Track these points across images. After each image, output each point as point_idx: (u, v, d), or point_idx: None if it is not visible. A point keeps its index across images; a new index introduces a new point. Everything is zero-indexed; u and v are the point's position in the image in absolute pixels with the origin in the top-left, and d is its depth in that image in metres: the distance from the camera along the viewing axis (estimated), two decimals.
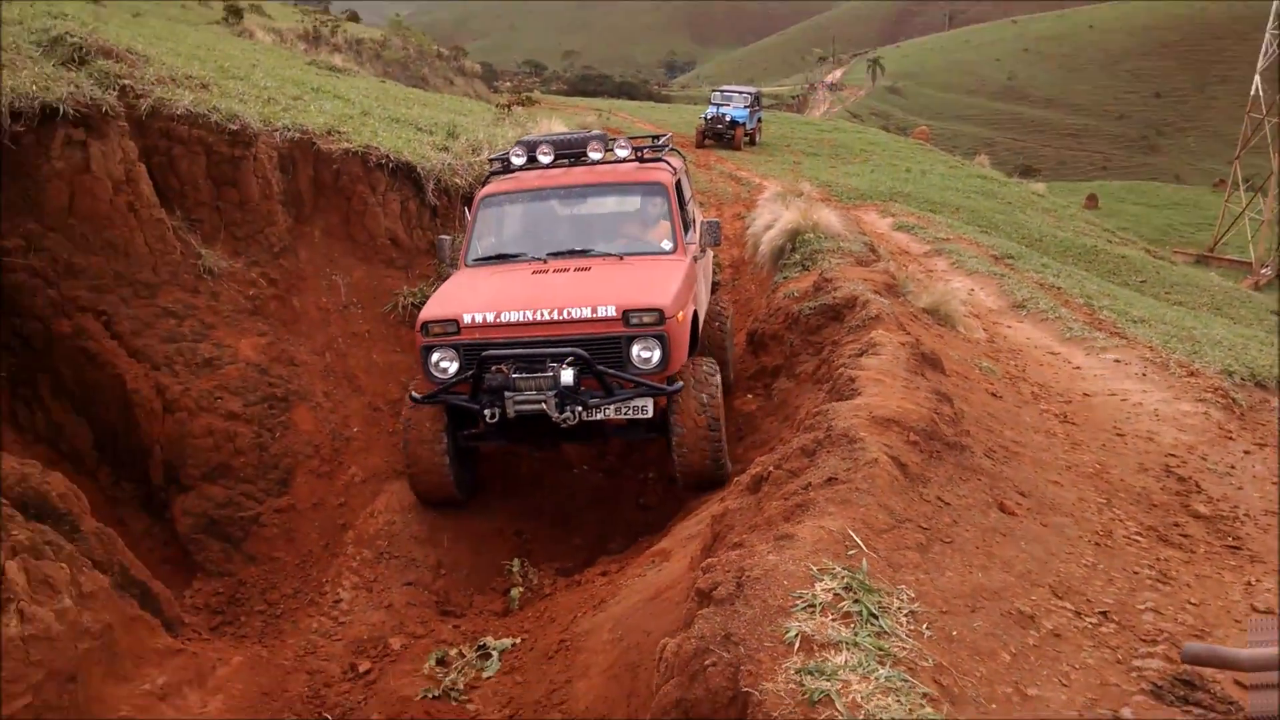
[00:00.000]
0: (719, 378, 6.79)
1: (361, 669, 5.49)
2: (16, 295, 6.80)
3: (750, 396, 8.45)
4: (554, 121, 16.74)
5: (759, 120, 30.72)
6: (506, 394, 6.16)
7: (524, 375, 6.17)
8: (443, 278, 7.94)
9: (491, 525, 7.05)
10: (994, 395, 6.99)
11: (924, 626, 3.30)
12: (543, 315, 6.30)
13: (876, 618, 3.23)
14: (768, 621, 3.21)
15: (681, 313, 6.49)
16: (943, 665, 3.11)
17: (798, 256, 10.62)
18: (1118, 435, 6.58)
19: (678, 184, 7.87)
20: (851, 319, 7.55)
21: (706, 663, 3.18)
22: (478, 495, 7.36)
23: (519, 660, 5.32)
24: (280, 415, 7.11)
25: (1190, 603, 4.00)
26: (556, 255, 7.24)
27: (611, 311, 6.27)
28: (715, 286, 9.69)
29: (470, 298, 6.69)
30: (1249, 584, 4.31)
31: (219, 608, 6.23)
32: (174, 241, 7.44)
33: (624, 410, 6.38)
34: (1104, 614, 3.75)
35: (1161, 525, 4.92)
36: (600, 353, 6.31)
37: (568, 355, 6.20)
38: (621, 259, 7.15)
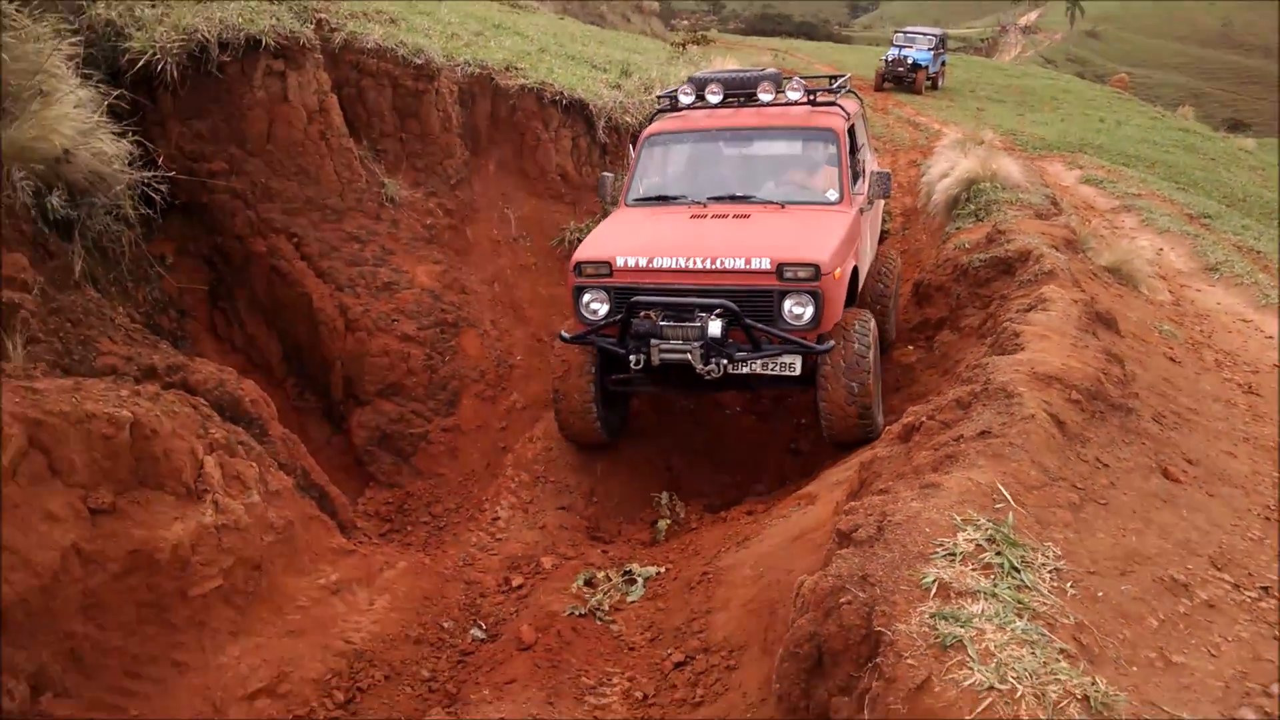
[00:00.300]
0: (873, 335, 6.54)
1: (514, 583, 5.78)
2: (219, 215, 7.35)
3: (911, 348, 8.30)
4: (728, 60, 16.56)
5: (943, 64, 29.48)
6: (653, 341, 6.08)
7: (671, 324, 6.09)
8: (605, 216, 7.94)
9: (643, 457, 7.23)
10: (1172, 360, 6.65)
11: (1068, 584, 3.25)
12: (695, 263, 6.18)
13: (1018, 571, 3.20)
14: (906, 566, 3.23)
15: (839, 269, 6.26)
16: (1084, 624, 3.06)
17: (972, 207, 10.27)
18: None
19: (850, 130, 7.59)
20: (1023, 273, 7.29)
21: (842, 600, 3.24)
22: (630, 426, 7.47)
23: (662, 588, 5.49)
24: (450, 340, 7.47)
25: None
26: (717, 200, 7.06)
27: (765, 264, 6.09)
28: (884, 236, 9.43)
29: (625, 240, 6.60)
30: None
31: (388, 516, 6.67)
32: (360, 170, 7.86)
33: (771, 367, 6.24)
34: (1265, 589, 3.57)
35: None
36: (751, 306, 6.15)
37: (716, 306, 6.07)
38: (783, 207, 6.92)
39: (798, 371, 6.24)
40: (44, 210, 5.54)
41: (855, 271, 6.86)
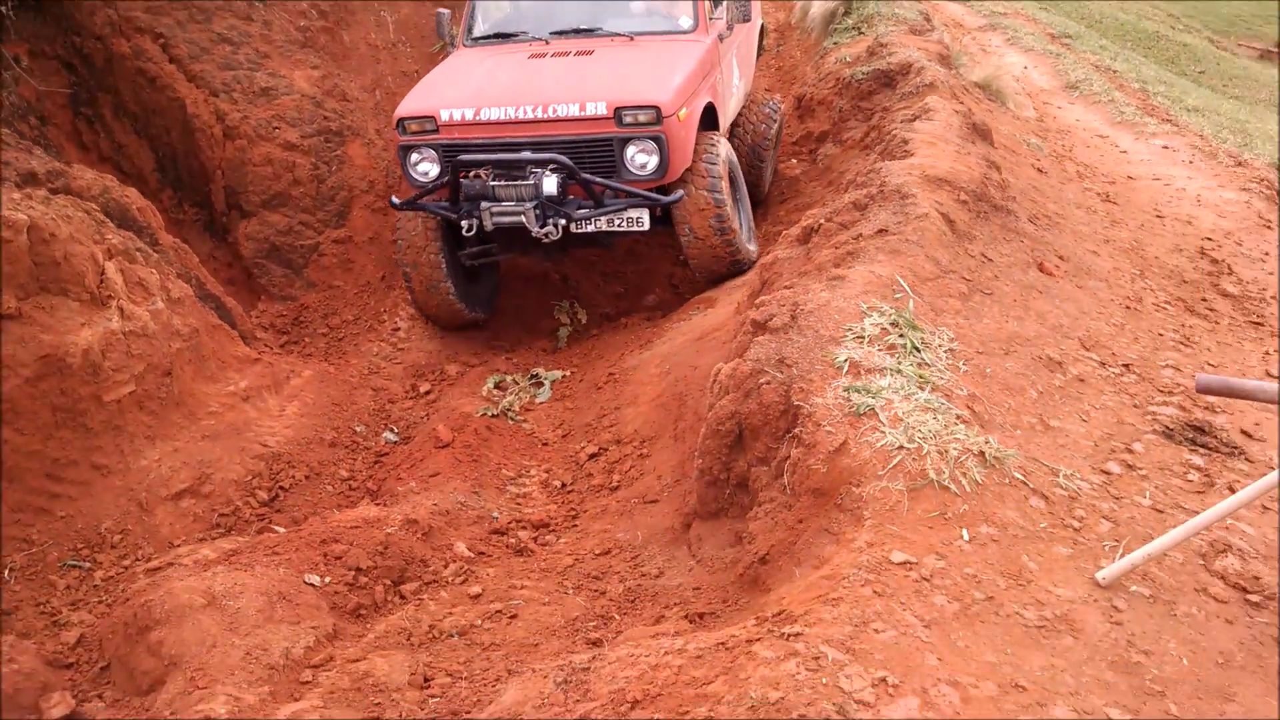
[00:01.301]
0: (725, 160, 6.05)
1: (422, 389, 5.92)
2: (75, 12, 6.81)
3: (795, 161, 8.51)
4: None
5: None
6: (483, 204, 5.56)
7: (503, 183, 5.55)
8: (443, 58, 7.16)
9: (538, 269, 7.32)
10: (1039, 170, 7.05)
11: (960, 362, 3.59)
12: (526, 113, 5.60)
13: (919, 351, 3.52)
14: (819, 348, 3.50)
15: (685, 109, 5.72)
16: (975, 395, 3.42)
17: (851, 21, 10.33)
18: (1157, 217, 6.69)
19: None
20: (904, 86, 7.50)
21: (761, 381, 3.51)
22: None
23: (569, 390, 5.72)
24: (336, 149, 7.25)
25: (1209, 364, 4.29)
26: (560, 34, 6.42)
27: (602, 109, 5.54)
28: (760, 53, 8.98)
29: (452, 90, 5.97)
30: (1266, 353, 4.57)
31: (283, 329, 6.63)
32: None
33: (616, 223, 5.78)
34: (1127, 366, 4.03)
35: (1190, 298, 5.14)
36: (590, 157, 5.65)
37: (549, 161, 5.53)
38: (632, 39, 6.31)
39: (646, 226, 5.80)
40: None
41: (712, 109, 6.28)
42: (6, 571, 4.02)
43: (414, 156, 5.89)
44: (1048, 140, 8.35)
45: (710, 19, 6.52)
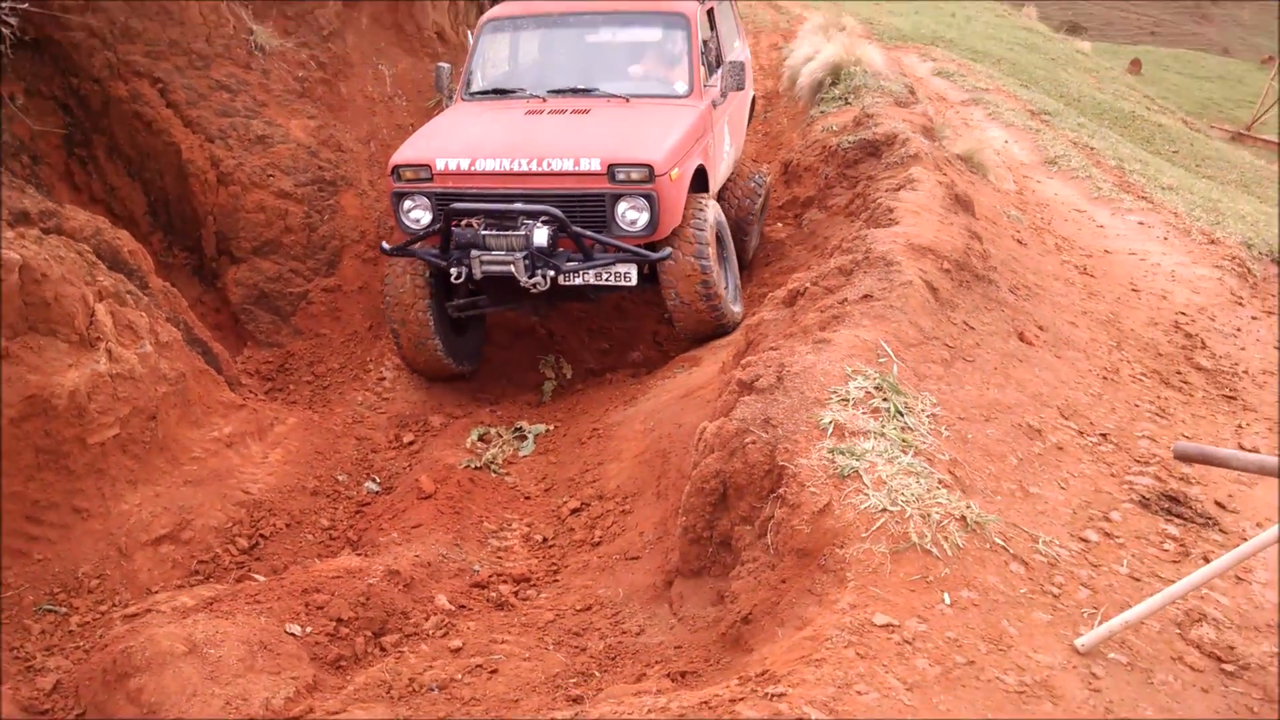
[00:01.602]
0: (713, 222, 6.12)
1: (405, 440, 5.92)
2: (74, 54, 6.89)
3: (780, 225, 8.64)
4: None
5: None
6: (474, 252, 5.62)
7: (495, 233, 5.62)
8: (438, 112, 7.29)
9: (524, 322, 7.37)
10: (1019, 242, 7.20)
11: (943, 428, 3.65)
12: (520, 165, 5.68)
13: (902, 415, 3.58)
14: (804, 410, 3.56)
15: (678, 169, 5.80)
16: (957, 460, 3.48)
17: (838, 91, 10.59)
18: (1133, 290, 6.84)
19: (710, 14, 7.13)
20: (890, 155, 7.67)
21: (747, 440, 3.55)
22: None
23: (553, 444, 5.74)
24: (329, 199, 7.32)
25: (1184, 435, 4.37)
26: (558, 93, 6.52)
27: (595, 165, 5.62)
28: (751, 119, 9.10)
29: (449, 140, 6.07)
30: (1240, 426, 4.67)
31: (269, 375, 6.63)
32: (227, 14, 7.47)
33: (605, 277, 5.80)
34: (1104, 435, 4.11)
35: (1165, 371, 5.25)
36: (582, 211, 5.71)
37: (541, 213, 5.60)
38: (628, 101, 6.39)
39: (634, 281, 5.83)
40: None
41: (703, 171, 6.37)
42: None
43: (407, 203, 5.96)
44: (1027, 213, 8.53)
45: (705, 85, 6.62)
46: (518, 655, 3.64)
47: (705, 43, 6.84)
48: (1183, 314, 6.44)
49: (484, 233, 5.64)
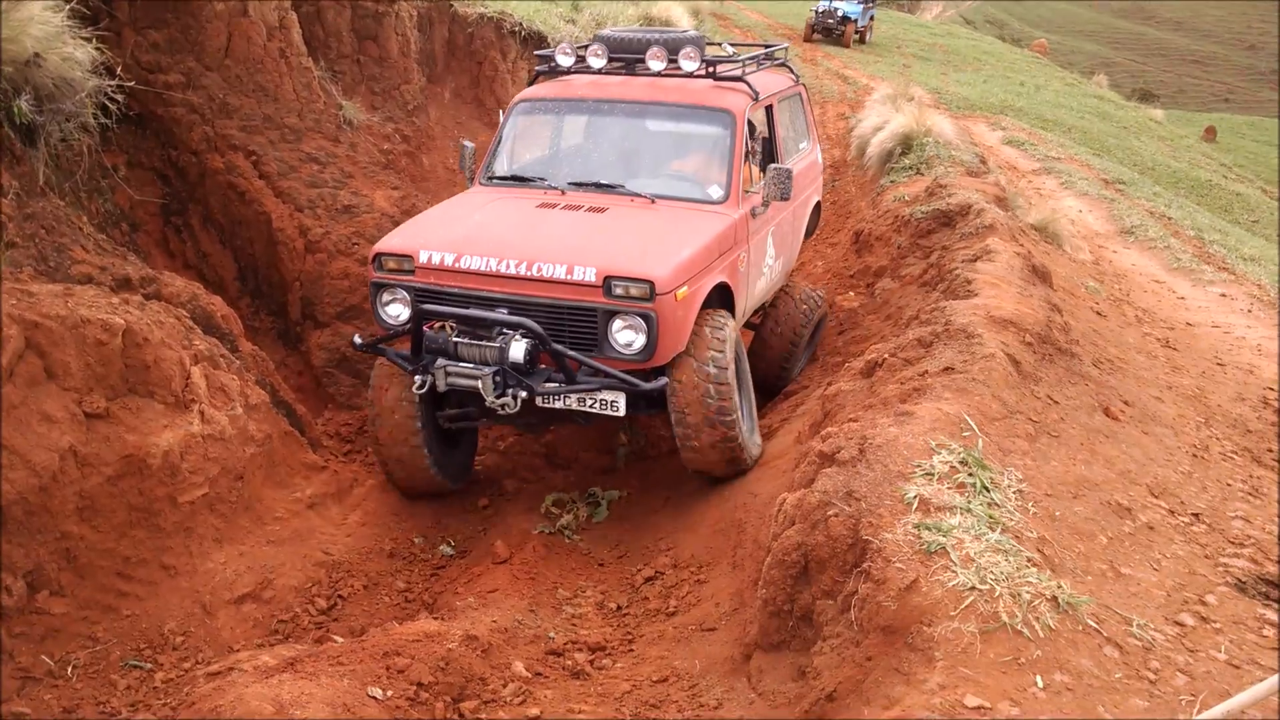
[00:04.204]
0: (732, 344, 5.34)
1: (480, 503, 5.97)
2: (174, 129, 7.22)
3: (852, 294, 8.64)
4: (670, 2, 16.56)
5: (871, 18, 29.83)
6: (440, 361, 5.02)
7: (468, 341, 5.00)
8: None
9: None
10: (1099, 314, 7.11)
11: (1030, 504, 3.59)
12: (509, 267, 5.02)
13: (988, 490, 3.54)
14: (888, 484, 3.53)
15: (686, 288, 5.05)
16: (1045, 538, 3.41)
17: (909, 161, 10.62)
18: (1218, 365, 6.69)
19: (769, 110, 6.59)
20: (964, 226, 7.66)
21: (829, 513, 3.53)
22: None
23: (626, 512, 5.75)
24: None
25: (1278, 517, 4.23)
26: (579, 186, 5.86)
27: (590, 276, 4.92)
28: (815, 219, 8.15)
29: (439, 231, 5.45)
30: None
31: (348, 437, 6.77)
32: (318, 91, 7.79)
33: (588, 403, 5.10)
34: (1196, 515, 4.00)
35: (1256, 449, 5.11)
36: (572, 326, 5.04)
37: (519, 325, 4.93)
38: (653, 202, 5.69)
39: (621, 411, 5.10)
40: (10, 114, 5.42)
41: (726, 289, 5.65)
42: (70, 668, 4.07)
43: (385, 296, 5.35)
44: (1105, 284, 8.43)
45: (746, 192, 5.95)
46: None
47: (760, 143, 6.34)
48: (1270, 389, 6.27)
49: (455, 340, 5.02)
